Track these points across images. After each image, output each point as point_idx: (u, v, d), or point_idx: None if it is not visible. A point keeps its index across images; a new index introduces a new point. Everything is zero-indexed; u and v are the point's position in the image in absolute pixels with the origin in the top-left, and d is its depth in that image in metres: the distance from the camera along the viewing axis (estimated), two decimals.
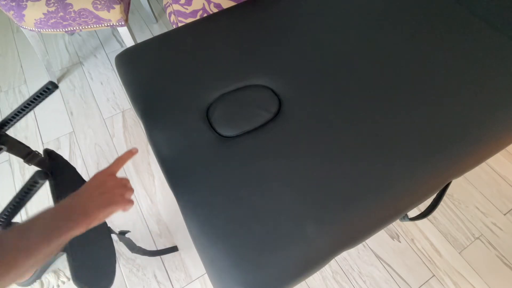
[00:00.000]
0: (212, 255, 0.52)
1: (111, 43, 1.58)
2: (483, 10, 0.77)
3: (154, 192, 1.14)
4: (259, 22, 0.78)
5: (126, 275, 0.99)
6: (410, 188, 0.56)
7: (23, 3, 1.03)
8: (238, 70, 0.70)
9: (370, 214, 0.54)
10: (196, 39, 0.76)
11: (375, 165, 0.57)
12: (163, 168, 0.63)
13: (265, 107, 0.64)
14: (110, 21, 1.08)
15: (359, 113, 0.63)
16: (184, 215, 0.57)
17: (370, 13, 0.78)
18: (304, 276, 0.52)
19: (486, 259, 1.00)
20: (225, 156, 0.59)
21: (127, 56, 0.76)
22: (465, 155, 0.59)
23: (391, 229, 1.05)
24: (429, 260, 1.00)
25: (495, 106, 0.63)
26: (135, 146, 1.24)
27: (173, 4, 0.93)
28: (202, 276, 0.98)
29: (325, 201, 0.54)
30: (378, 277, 0.97)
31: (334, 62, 0.70)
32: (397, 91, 0.65)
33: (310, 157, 0.58)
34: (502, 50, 0.70)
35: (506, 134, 0.63)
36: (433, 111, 0.62)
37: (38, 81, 1.45)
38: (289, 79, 0.68)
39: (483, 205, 1.09)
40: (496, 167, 1.16)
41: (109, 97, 1.38)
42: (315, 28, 0.76)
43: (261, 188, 0.55)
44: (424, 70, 0.68)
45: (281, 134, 0.61)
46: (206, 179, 0.57)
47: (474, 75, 0.67)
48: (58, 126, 1.31)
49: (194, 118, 0.64)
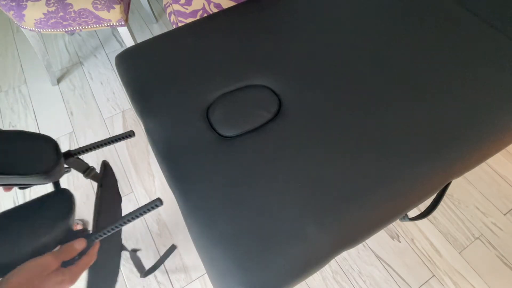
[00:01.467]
0: (212, 255, 0.52)
1: (111, 43, 1.58)
2: (483, 10, 0.77)
3: (154, 192, 1.14)
4: (259, 22, 0.78)
5: (126, 275, 0.99)
6: (410, 188, 0.56)
7: (23, 3, 1.03)
8: (238, 70, 0.70)
9: (370, 214, 0.54)
10: (196, 39, 0.76)
11: (375, 165, 0.57)
12: (163, 168, 0.63)
13: (265, 107, 0.64)
14: (110, 21, 1.08)
15: (359, 113, 0.63)
16: (184, 215, 0.57)
17: (370, 13, 0.78)
18: (304, 276, 0.52)
19: (486, 259, 1.00)
20: (225, 156, 0.59)
21: (127, 56, 0.76)
22: (465, 155, 0.59)
23: (391, 229, 1.05)
24: (429, 260, 1.00)
25: (495, 106, 0.63)
26: (135, 146, 1.24)
27: (173, 4, 0.93)
28: (202, 276, 0.98)
29: (325, 201, 0.54)
30: (378, 277, 0.97)
31: (334, 62, 0.70)
32: (396, 91, 0.65)
33: (310, 157, 0.58)
34: (502, 50, 0.70)
35: (506, 134, 0.63)
36: (433, 111, 0.62)
37: (38, 81, 1.45)
38: (289, 79, 0.68)
39: (483, 205, 1.09)
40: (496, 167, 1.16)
41: (109, 97, 1.39)
42: (315, 28, 0.76)
43: (261, 188, 0.55)
44: (424, 70, 0.68)
45: (281, 134, 0.61)
46: (206, 179, 0.57)
47: (474, 75, 0.67)
48: (58, 126, 1.31)
49: (194, 118, 0.64)
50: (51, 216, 0.48)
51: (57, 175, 0.52)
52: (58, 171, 0.51)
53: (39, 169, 0.49)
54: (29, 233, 0.45)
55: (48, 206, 0.49)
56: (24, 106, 1.37)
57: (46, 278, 0.40)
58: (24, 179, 0.48)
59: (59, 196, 0.51)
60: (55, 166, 0.50)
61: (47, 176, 0.50)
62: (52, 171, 0.50)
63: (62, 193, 0.51)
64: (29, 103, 1.38)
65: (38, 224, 0.46)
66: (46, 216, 0.48)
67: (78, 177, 1.17)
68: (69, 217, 0.49)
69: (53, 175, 0.51)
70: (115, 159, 1.21)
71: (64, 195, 0.51)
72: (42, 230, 0.46)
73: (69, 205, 0.50)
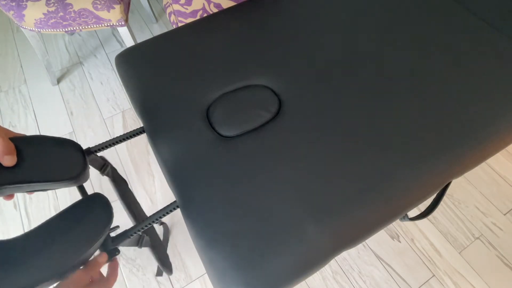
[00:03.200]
0: (212, 255, 0.52)
1: (111, 43, 1.58)
2: (483, 10, 0.77)
3: (154, 191, 1.14)
4: (259, 22, 0.78)
5: (126, 275, 0.99)
6: (410, 188, 0.56)
7: (23, 3, 1.03)
8: (238, 70, 0.70)
9: (370, 214, 0.54)
10: (196, 39, 0.76)
11: (375, 165, 0.57)
12: (163, 168, 0.63)
13: (265, 107, 0.64)
14: (110, 21, 1.08)
15: (359, 113, 0.63)
16: (184, 215, 0.57)
17: (370, 13, 0.78)
18: (304, 276, 0.52)
19: (486, 259, 1.00)
20: (225, 156, 0.59)
21: (127, 56, 0.76)
22: (465, 155, 0.59)
23: (391, 229, 1.05)
24: (429, 260, 1.00)
25: (494, 106, 0.63)
26: (135, 146, 1.24)
27: (173, 4, 0.93)
28: (202, 276, 0.98)
29: (325, 201, 0.54)
30: (378, 277, 0.97)
31: (334, 61, 0.70)
32: (396, 91, 0.65)
33: (310, 157, 0.58)
34: (502, 50, 0.70)
35: (506, 134, 0.63)
36: (433, 111, 0.62)
37: (38, 81, 1.45)
38: (289, 79, 0.68)
39: (483, 205, 1.09)
40: (496, 167, 1.16)
41: (109, 97, 1.39)
42: (315, 28, 0.76)
43: (261, 188, 0.55)
44: (423, 70, 0.68)
45: (281, 134, 0.61)
46: (206, 179, 0.57)
47: (473, 75, 0.67)
48: (58, 126, 1.31)
49: (194, 118, 0.64)
50: (92, 228, 0.46)
51: (85, 178, 0.52)
52: (85, 174, 0.52)
53: (70, 175, 0.48)
54: (72, 248, 0.43)
55: (89, 216, 0.47)
56: (24, 106, 1.37)
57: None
58: (54, 185, 0.48)
59: (97, 204, 0.48)
60: (83, 170, 0.50)
61: (75, 181, 0.49)
62: (81, 175, 0.50)
63: (98, 199, 0.49)
64: (29, 103, 1.38)
65: (81, 238, 0.45)
66: (87, 228, 0.46)
67: None
68: (109, 225, 0.48)
69: (82, 178, 0.51)
70: (115, 159, 1.21)
71: (101, 202, 0.49)
72: (85, 243, 0.45)
73: (108, 213, 0.48)
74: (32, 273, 0.40)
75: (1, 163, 0.43)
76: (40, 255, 0.41)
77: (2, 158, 0.43)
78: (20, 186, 0.45)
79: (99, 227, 0.46)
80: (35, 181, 0.45)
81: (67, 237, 0.44)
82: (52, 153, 0.49)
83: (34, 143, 0.48)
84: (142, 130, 0.67)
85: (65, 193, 1.14)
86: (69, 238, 0.44)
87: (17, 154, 0.45)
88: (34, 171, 0.46)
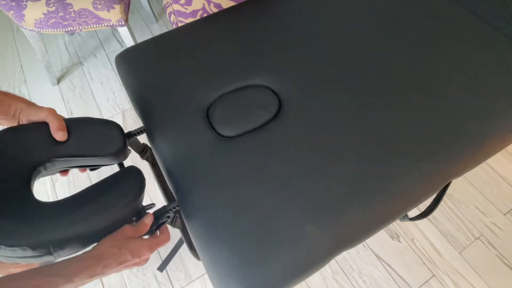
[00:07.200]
0: (212, 255, 0.52)
1: (111, 43, 1.58)
2: (483, 10, 0.77)
3: (154, 191, 1.14)
4: (259, 22, 0.78)
5: (126, 275, 0.99)
6: (410, 188, 0.56)
7: (23, 3, 1.03)
8: (238, 70, 0.70)
9: (370, 214, 0.54)
10: (196, 39, 0.76)
11: (375, 165, 0.57)
12: (163, 168, 0.63)
13: (265, 107, 0.64)
14: (110, 21, 1.08)
15: (359, 113, 0.63)
16: (184, 215, 0.57)
17: (370, 13, 0.78)
18: (304, 276, 0.52)
19: (486, 259, 1.00)
20: (225, 156, 0.59)
21: (127, 56, 0.76)
22: (465, 155, 0.59)
23: (391, 229, 1.05)
24: (429, 260, 1.00)
25: (495, 106, 0.63)
26: None
27: (173, 4, 0.93)
28: (202, 276, 0.98)
29: (325, 201, 0.54)
30: (378, 277, 0.98)
31: (334, 61, 0.70)
32: (396, 91, 0.65)
33: (310, 157, 0.58)
34: (502, 50, 0.70)
35: (506, 134, 0.63)
36: (433, 111, 0.62)
37: (38, 81, 1.45)
38: (289, 79, 0.68)
39: (483, 205, 1.09)
40: (496, 167, 1.16)
41: (109, 97, 1.39)
42: (315, 27, 0.76)
43: (261, 188, 0.55)
44: (423, 70, 0.68)
45: (281, 134, 0.61)
46: (206, 179, 0.57)
47: (473, 75, 0.67)
48: None
49: (194, 118, 0.64)
50: (123, 193, 0.51)
51: (125, 155, 0.58)
52: (125, 152, 0.58)
53: (111, 151, 0.54)
54: (102, 209, 0.48)
55: (121, 183, 0.52)
56: None
57: (128, 240, 0.47)
58: (97, 160, 0.54)
59: (131, 174, 0.53)
60: (123, 147, 0.56)
61: (116, 157, 0.55)
62: (121, 152, 0.56)
63: (132, 170, 0.54)
64: None
65: (112, 201, 0.49)
66: (119, 193, 0.50)
67: None
68: (141, 193, 0.52)
69: (122, 155, 0.57)
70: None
71: (135, 173, 0.54)
72: (115, 206, 0.49)
73: (140, 182, 0.53)
74: (63, 228, 0.44)
75: (55, 138, 0.50)
76: (73, 213, 0.46)
77: (56, 133, 0.50)
78: (68, 160, 0.51)
79: (130, 193, 0.51)
80: (81, 155, 0.52)
81: (99, 200, 0.49)
82: (96, 132, 0.55)
83: (82, 123, 0.55)
84: (142, 130, 0.67)
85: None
86: (100, 200, 0.48)
87: (68, 132, 0.52)
88: (81, 147, 0.52)
